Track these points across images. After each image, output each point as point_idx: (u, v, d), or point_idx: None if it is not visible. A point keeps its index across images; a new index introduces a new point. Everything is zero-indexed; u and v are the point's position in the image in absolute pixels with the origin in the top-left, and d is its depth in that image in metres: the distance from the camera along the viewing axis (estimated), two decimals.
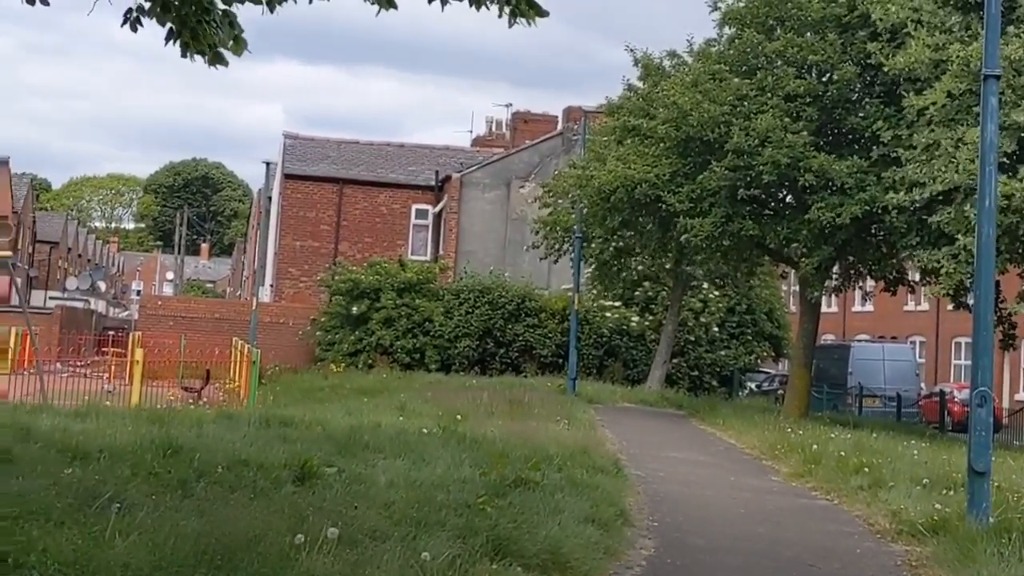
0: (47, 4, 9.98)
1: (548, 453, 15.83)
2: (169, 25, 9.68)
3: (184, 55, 9.80)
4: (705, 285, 38.70)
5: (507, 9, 8.85)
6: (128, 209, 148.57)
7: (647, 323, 39.34)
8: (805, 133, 26.76)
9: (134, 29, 9.77)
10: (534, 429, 19.51)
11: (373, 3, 9.19)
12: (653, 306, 39.53)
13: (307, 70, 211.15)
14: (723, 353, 40.36)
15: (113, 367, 36.60)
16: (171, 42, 9.76)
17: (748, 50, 28.89)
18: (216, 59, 9.89)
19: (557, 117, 51.30)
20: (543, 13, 8.97)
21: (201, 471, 12.03)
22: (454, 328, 38.83)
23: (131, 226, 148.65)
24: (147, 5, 9.66)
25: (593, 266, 36.14)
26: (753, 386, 43.36)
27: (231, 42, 9.72)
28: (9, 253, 33.98)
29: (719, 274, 34.95)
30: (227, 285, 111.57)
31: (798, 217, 27.68)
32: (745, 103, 27.76)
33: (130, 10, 9.70)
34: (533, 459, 14.55)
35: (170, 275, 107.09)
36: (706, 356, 40.13)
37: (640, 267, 36.59)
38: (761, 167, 26.65)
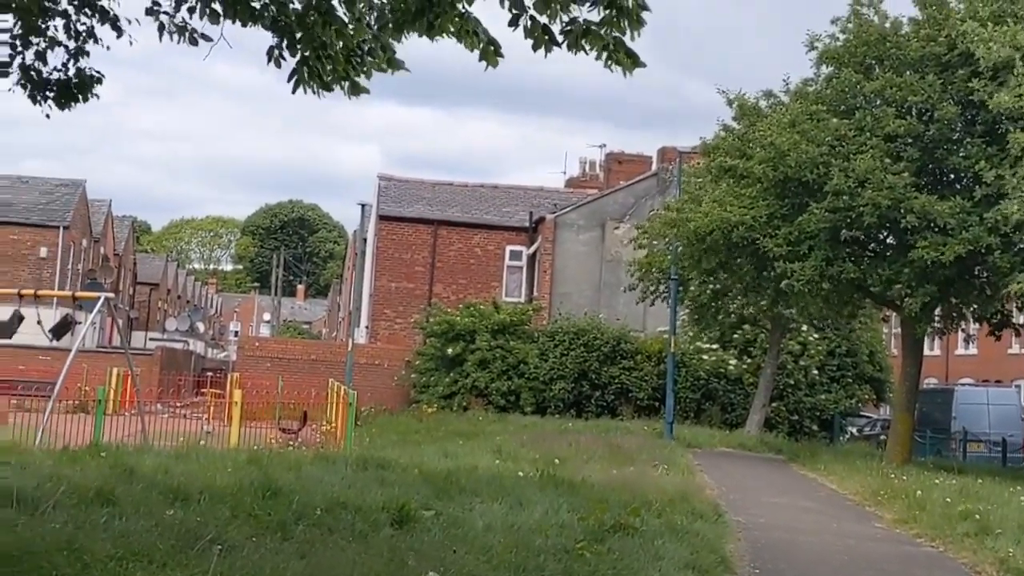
0: (209, 40, 10.14)
1: (647, 498, 15.69)
2: (293, 68, 9.78)
3: (311, 91, 9.88)
4: (804, 327, 38.16)
5: (604, 55, 8.82)
6: (226, 251, 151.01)
7: (745, 366, 38.88)
8: (906, 174, 26.35)
9: (278, 65, 9.88)
10: (632, 474, 19.37)
11: (480, 59, 9.19)
12: (751, 349, 39.07)
13: (405, 111, 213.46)
14: (823, 397, 39.74)
15: (212, 408, 36.98)
16: (292, 81, 9.84)
17: (846, 90, 28.56)
18: (355, 89, 9.96)
19: (651, 158, 51.12)
20: (640, 64, 8.94)
21: (300, 513, 12.03)
22: (549, 370, 38.70)
23: (229, 267, 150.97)
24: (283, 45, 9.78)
25: (690, 308, 35.86)
26: (854, 431, 42.59)
27: (386, 64, 9.78)
28: (111, 294, 34.51)
29: (819, 316, 34.44)
30: (323, 326, 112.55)
31: (900, 258, 27.22)
32: (844, 143, 27.41)
33: (272, 47, 9.81)
34: (632, 504, 14.42)
35: (267, 316, 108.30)
36: (806, 400, 39.54)
37: (738, 309, 36.20)
38: (862, 208, 26.26)
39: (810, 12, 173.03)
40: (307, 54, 9.69)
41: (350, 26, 9.60)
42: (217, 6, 9.76)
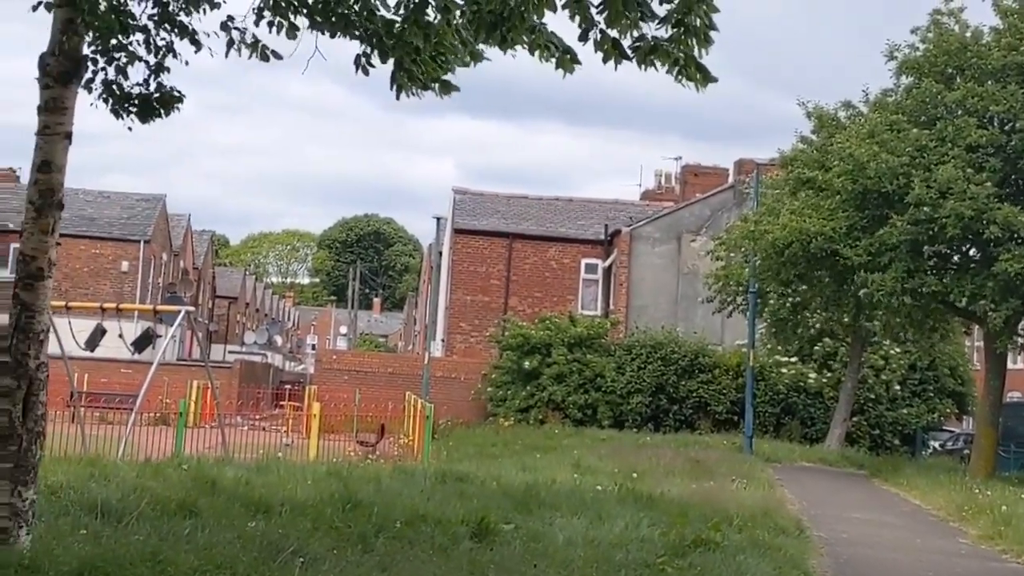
0: (279, 57, 10.23)
1: (728, 513, 15.56)
2: (392, 72, 9.85)
3: (411, 94, 9.96)
4: (886, 341, 37.65)
5: (675, 70, 8.78)
6: (303, 264, 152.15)
7: (825, 380, 38.46)
8: (989, 184, 25.98)
9: (366, 72, 9.97)
10: (712, 488, 19.23)
11: (557, 68, 9.20)
12: (832, 362, 38.63)
13: (478, 125, 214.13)
14: (905, 411, 39.19)
15: (290, 420, 37.24)
16: (394, 87, 9.93)
17: (927, 100, 28.24)
18: (446, 88, 10.04)
19: (728, 170, 50.80)
20: (712, 79, 8.90)
21: (380, 526, 12.05)
22: (626, 384, 38.54)
23: (306, 281, 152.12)
24: (372, 52, 9.86)
25: (768, 321, 35.54)
26: (936, 445, 41.96)
27: (468, 57, 9.85)
28: (191, 307, 34.89)
29: (901, 330, 33.98)
30: (399, 339, 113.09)
31: (983, 271, 26.80)
32: (925, 154, 27.10)
33: (359, 56, 9.90)
34: (713, 519, 14.30)
35: (343, 329, 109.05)
36: (887, 414, 39.00)
37: (817, 323, 35.82)
38: (944, 220, 25.93)
39: (889, 22, 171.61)
40: (401, 58, 9.77)
41: (440, 30, 9.67)
42: (298, 20, 9.85)
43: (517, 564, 10.68)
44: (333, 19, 9.71)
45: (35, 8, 9.79)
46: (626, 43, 8.82)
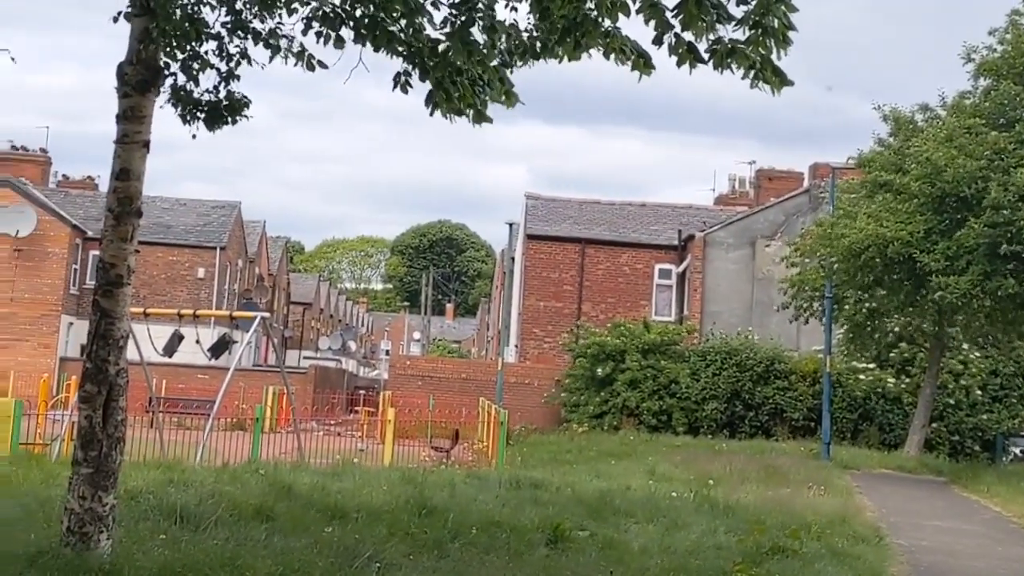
0: (325, 67, 10.28)
1: (805, 520, 15.44)
2: (430, 90, 9.87)
3: (446, 115, 9.97)
4: (965, 346, 37.10)
5: (751, 74, 8.70)
6: (376, 270, 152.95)
7: (904, 385, 37.96)
8: None
9: (404, 91, 10.00)
10: (789, 496, 19.08)
11: (633, 69, 9.15)
12: (910, 368, 38.12)
13: (551, 131, 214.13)
14: (985, 417, 38.53)
15: (365, 426, 37.41)
16: (430, 106, 9.94)
17: (1005, 102, 27.85)
18: (479, 117, 10.02)
19: (802, 174, 50.35)
20: (788, 82, 8.82)
21: (455, 532, 12.07)
22: (701, 390, 38.31)
23: (379, 287, 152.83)
24: (414, 70, 9.87)
25: (845, 327, 35.13)
26: (1017, 451, 41.26)
27: (503, 96, 9.82)
28: (267, 313, 35.17)
29: (980, 334, 33.44)
30: (472, 345, 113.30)
31: None
32: (1003, 157, 26.73)
33: (399, 73, 9.91)
34: (790, 526, 14.18)
35: (416, 335, 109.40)
36: (967, 420, 38.38)
37: (895, 328, 35.35)
38: (1022, 222, 25.53)
39: (965, 24, 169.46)
40: (440, 78, 9.76)
41: (484, 52, 9.64)
42: (344, 32, 9.88)
43: (592, 571, 10.66)
44: (378, 34, 9.71)
45: (115, 19, 9.90)
46: (702, 46, 8.77)
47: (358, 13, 9.85)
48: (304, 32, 10.08)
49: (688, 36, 8.71)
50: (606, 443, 32.42)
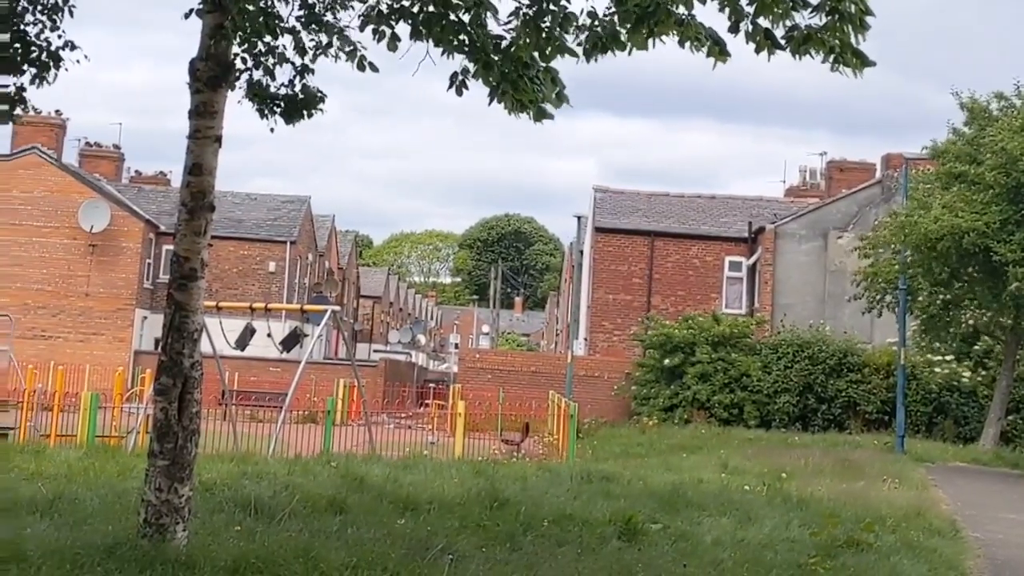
0: (376, 70, 10.29)
1: (879, 513, 15.29)
2: (493, 84, 9.82)
3: (509, 112, 9.92)
4: None
5: (831, 58, 8.59)
6: (444, 264, 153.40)
7: (980, 378, 37.43)
8: None
9: (459, 93, 9.96)
10: (863, 489, 18.88)
11: (708, 56, 9.06)
12: (987, 360, 37.59)
13: (620, 123, 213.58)
14: None
15: (435, 419, 37.53)
16: (494, 101, 9.89)
17: None
18: (540, 114, 9.95)
19: (875, 165, 49.77)
20: (869, 63, 8.71)
21: (527, 525, 12.08)
22: (773, 383, 38.01)
23: (447, 280, 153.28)
24: (472, 67, 9.82)
25: (920, 319, 34.70)
26: None
27: (553, 96, 9.77)
28: (337, 307, 35.35)
29: None
30: (540, 338, 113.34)
31: None
32: None
33: (455, 73, 9.89)
34: (865, 520, 14.03)
35: (485, 328, 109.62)
36: None
37: (971, 320, 34.85)
38: None
39: None
40: (506, 73, 9.71)
41: (553, 45, 9.56)
42: (401, 29, 9.86)
43: (666, 564, 10.62)
44: (439, 30, 9.67)
45: (187, 16, 9.97)
46: (778, 33, 8.69)
47: (415, 9, 9.83)
48: (361, 29, 10.09)
49: (765, 23, 8.66)
50: (677, 436, 32.27)
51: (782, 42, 8.72)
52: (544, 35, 9.49)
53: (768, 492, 17.12)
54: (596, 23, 9.37)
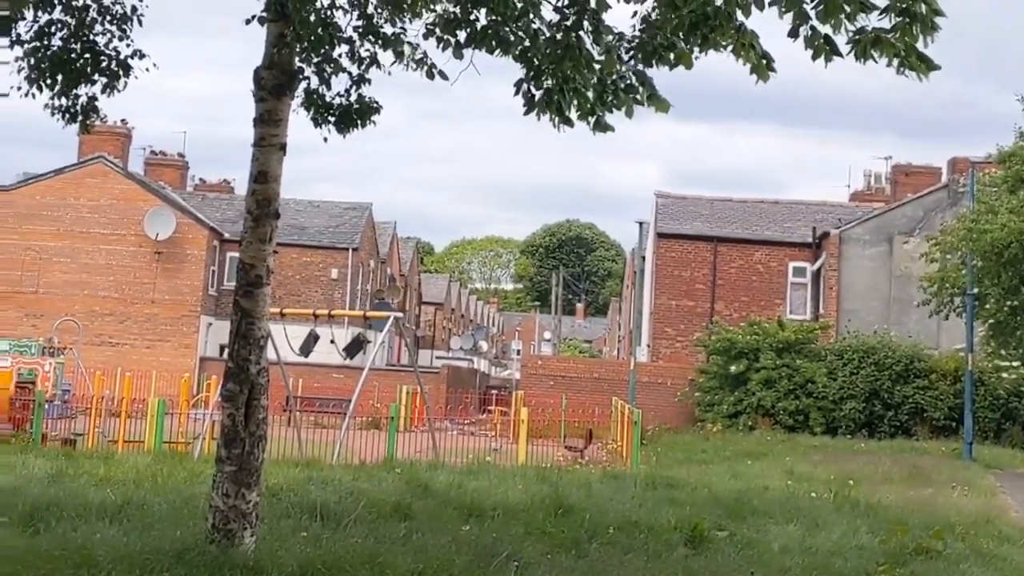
0: (445, 78, 10.30)
1: (949, 521, 15.10)
2: (531, 96, 9.78)
3: (556, 126, 9.86)
4: None
5: (896, 62, 8.47)
6: (506, 270, 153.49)
7: None
8: None
9: (526, 100, 9.91)
10: (931, 496, 18.71)
11: (751, 73, 9.00)
12: None
13: (681, 128, 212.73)
14: None
15: (498, 425, 37.53)
16: (538, 111, 9.84)
17: None
18: (599, 126, 9.88)
19: (941, 169, 49.22)
20: (935, 67, 8.57)
21: (592, 531, 12.05)
22: (839, 389, 37.66)
23: (509, 287, 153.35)
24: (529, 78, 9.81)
25: (987, 324, 34.26)
26: None
27: (646, 101, 9.67)
28: (400, 313, 35.49)
29: None
30: (603, 344, 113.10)
31: None
32: None
33: (520, 80, 9.87)
34: (934, 527, 13.87)
35: (547, 334, 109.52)
36: None
37: None
38: None
39: None
40: (551, 86, 9.65)
41: (599, 59, 9.50)
42: (462, 37, 9.83)
43: (733, 571, 10.56)
44: (495, 40, 9.66)
45: (248, 22, 10.02)
46: (840, 38, 8.58)
47: (472, 17, 9.83)
48: (425, 38, 10.09)
49: (826, 29, 8.53)
50: (742, 443, 32.08)
51: (845, 47, 8.62)
52: (578, 50, 9.46)
53: (835, 499, 16.97)
54: (635, 36, 9.34)
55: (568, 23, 9.55)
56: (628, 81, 9.65)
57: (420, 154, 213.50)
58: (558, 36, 9.60)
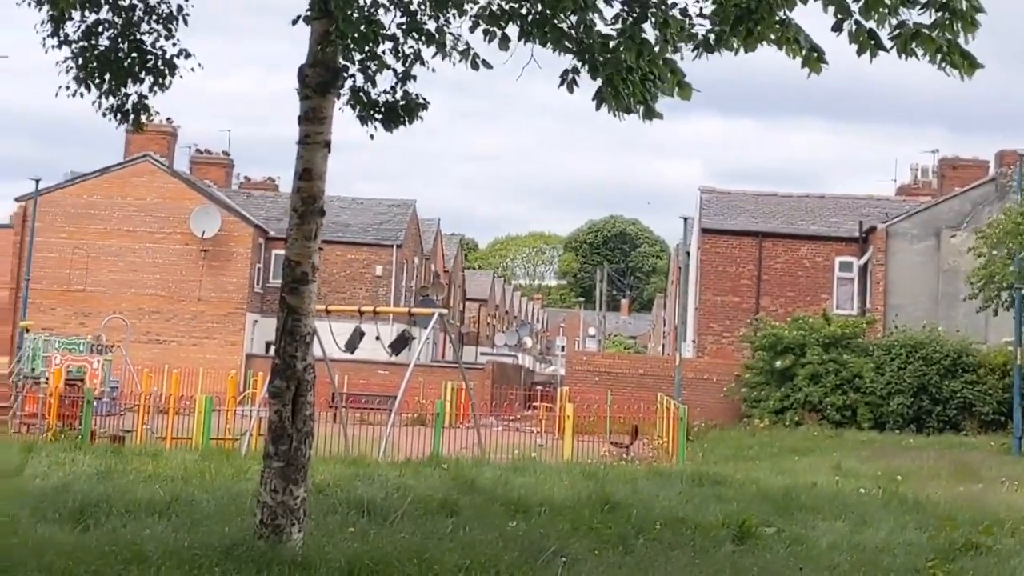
0: (489, 67, 10.27)
1: (998, 517, 14.95)
2: (598, 88, 9.75)
3: (614, 113, 9.82)
4: None
5: (938, 58, 8.42)
6: (549, 267, 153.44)
7: None
8: None
9: (571, 90, 9.91)
10: (980, 491, 18.55)
11: (803, 67, 8.94)
12: None
13: (725, 123, 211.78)
14: None
15: (543, 421, 37.51)
16: (597, 102, 9.81)
17: None
18: (649, 113, 9.84)
19: (988, 162, 48.72)
20: (978, 65, 8.53)
21: (639, 528, 12.02)
22: (886, 384, 37.38)
23: (552, 283, 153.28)
24: (581, 67, 9.78)
25: None
26: None
27: (676, 88, 9.64)
28: (444, 310, 35.55)
29: None
30: (647, 340, 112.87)
31: None
32: None
33: (566, 71, 9.85)
34: (983, 523, 13.76)
35: (592, 331, 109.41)
36: None
37: None
38: None
39: None
40: (610, 76, 9.63)
41: (656, 47, 9.47)
42: (510, 30, 9.82)
43: (781, 568, 10.51)
44: (547, 31, 9.63)
45: (295, 22, 10.04)
46: (884, 33, 8.54)
47: (523, 11, 9.81)
48: (471, 30, 10.08)
49: (869, 23, 8.52)
50: (788, 439, 31.91)
51: (888, 42, 8.57)
52: (643, 41, 9.42)
53: (883, 495, 16.85)
54: (691, 23, 9.29)
55: (635, 15, 9.50)
56: (660, 70, 9.62)
57: (462, 152, 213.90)
58: (618, 27, 9.56)
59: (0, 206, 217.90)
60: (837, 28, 8.59)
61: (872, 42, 8.55)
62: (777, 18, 8.92)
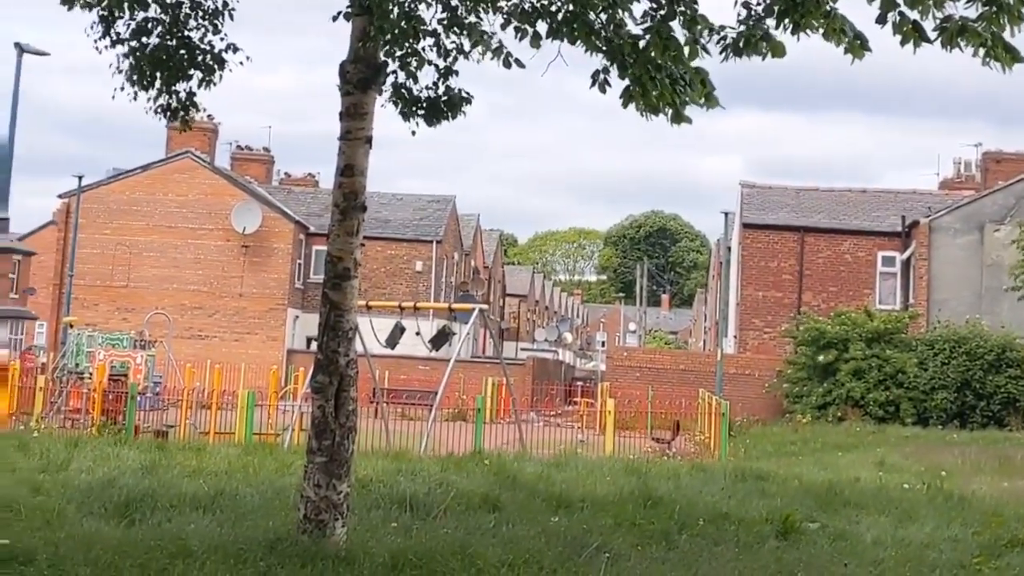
0: (522, 66, 10.25)
1: None
2: (626, 86, 9.72)
3: (642, 113, 9.80)
4: None
5: (981, 52, 8.36)
6: (589, 262, 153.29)
7: None
8: None
9: (603, 90, 9.88)
10: None
11: (846, 53, 8.91)
12: None
13: (769, 118, 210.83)
14: None
15: (584, 417, 37.49)
16: (627, 103, 9.78)
17: None
18: (678, 117, 9.80)
19: None
20: (1020, 59, 8.47)
21: (682, 523, 11.99)
22: (929, 380, 37.11)
23: (592, 278, 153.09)
24: (611, 67, 9.75)
25: None
26: None
27: (702, 99, 9.63)
28: (484, 305, 35.58)
29: None
30: (688, 335, 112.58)
31: None
32: None
33: (597, 71, 9.81)
34: None
35: (632, 326, 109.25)
36: None
37: None
38: None
39: None
40: (639, 75, 9.59)
41: (686, 48, 9.43)
42: (541, 28, 9.78)
43: (825, 563, 10.45)
44: (576, 28, 9.59)
45: (335, 18, 10.04)
46: (928, 24, 8.49)
47: (554, 8, 9.79)
48: (503, 27, 10.06)
49: (914, 15, 8.48)
50: (831, 434, 31.73)
51: (932, 35, 8.52)
52: (670, 38, 9.40)
53: (927, 491, 16.72)
54: (722, 28, 9.28)
55: (663, 12, 9.48)
56: (690, 77, 9.58)
57: (500, 148, 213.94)
58: (647, 24, 9.53)
59: (44, 203, 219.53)
60: (881, 20, 8.55)
61: (916, 33, 8.51)
62: (823, 9, 8.91)
